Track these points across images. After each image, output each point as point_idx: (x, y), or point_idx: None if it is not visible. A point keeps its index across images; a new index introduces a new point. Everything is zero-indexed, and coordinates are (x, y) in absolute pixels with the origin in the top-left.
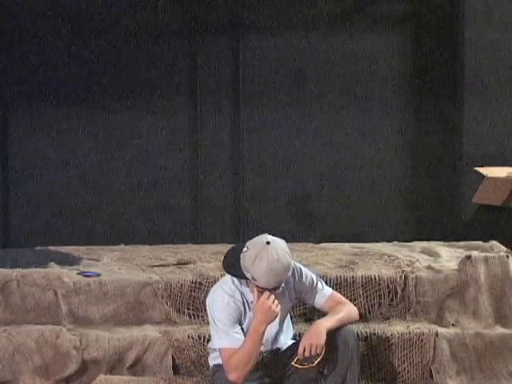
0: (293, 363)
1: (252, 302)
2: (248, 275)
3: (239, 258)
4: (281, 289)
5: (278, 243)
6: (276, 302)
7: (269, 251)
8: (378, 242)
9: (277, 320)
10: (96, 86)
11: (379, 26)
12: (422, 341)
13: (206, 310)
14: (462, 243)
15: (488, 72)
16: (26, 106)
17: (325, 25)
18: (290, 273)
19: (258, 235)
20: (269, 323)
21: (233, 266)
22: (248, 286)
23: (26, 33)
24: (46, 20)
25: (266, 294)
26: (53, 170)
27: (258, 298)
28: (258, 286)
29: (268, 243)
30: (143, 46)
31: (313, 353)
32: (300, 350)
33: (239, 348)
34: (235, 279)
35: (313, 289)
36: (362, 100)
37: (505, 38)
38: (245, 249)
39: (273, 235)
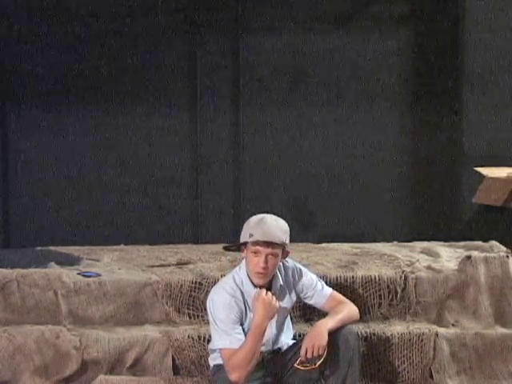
0: (295, 365)
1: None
2: (243, 238)
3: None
4: (279, 287)
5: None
6: (273, 296)
7: (268, 214)
8: (377, 242)
9: (277, 320)
10: (96, 86)
11: (379, 25)
12: (422, 341)
13: (206, 310)
14: (461, 243)
15: (488, 72)
16: (26, 106)
17: (325, 25)
18: (284, 237)
19: None
20: (270, 318)
21: (231, 243)
22: (249, 283)
23: (27, 33)
24: (46, 21)
25: (262, 291)
26: (53, 170)
27: (252, 260)
28: (252, 245)
29: (268, 213)
30: (143, 46)
31: (315, 354)
32: (302, 352)
33: (240, 347)
34: (236, 279)
35: (313, 289)
36: (362, 100)
37: (505, 38)
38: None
39: None
